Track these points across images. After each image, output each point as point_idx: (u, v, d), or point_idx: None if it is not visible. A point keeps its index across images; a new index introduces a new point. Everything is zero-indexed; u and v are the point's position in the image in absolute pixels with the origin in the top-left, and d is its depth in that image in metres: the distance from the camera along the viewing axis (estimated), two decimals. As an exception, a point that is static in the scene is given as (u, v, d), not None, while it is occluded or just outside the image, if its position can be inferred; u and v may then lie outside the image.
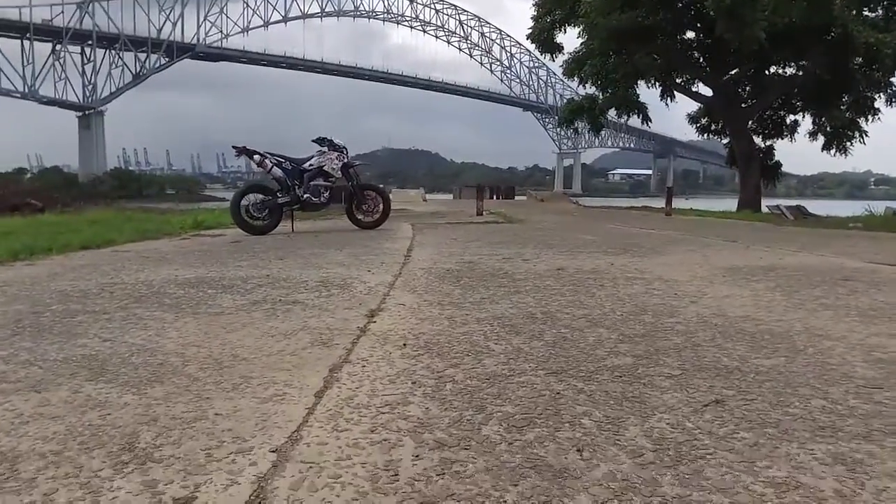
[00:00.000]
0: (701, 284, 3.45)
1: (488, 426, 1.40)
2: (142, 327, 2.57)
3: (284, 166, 8.20)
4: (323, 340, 2.22)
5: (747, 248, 5.76)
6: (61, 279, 4.01)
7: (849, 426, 1.39)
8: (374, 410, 1.52)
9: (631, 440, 1.31)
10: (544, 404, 1.53)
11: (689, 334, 2.26)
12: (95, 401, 1.69)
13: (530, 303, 2.88)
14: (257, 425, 1.46)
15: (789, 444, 1.29)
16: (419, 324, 2.46)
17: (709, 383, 1.70)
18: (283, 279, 3.77)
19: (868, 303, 2.89)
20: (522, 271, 3.99)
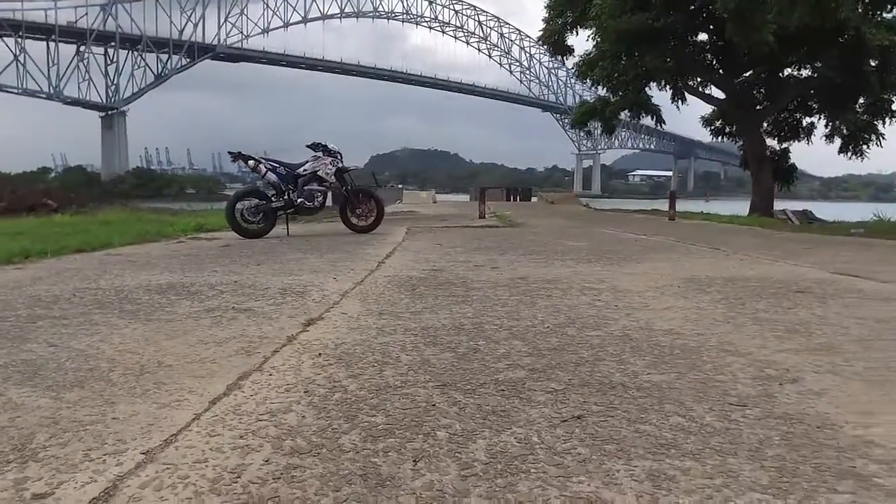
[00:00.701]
0: (650, 296, 3.51)
1: (349, 435, 1.50)
2: (91, 333, 2.70)
3: (279, 171, 8.37)
4: (248, 349, 2.34)
5: (727, 257, 5.79)
6: (41, 284, 4.17)
7: (687, 444, 1.47)
8: (254, 418, 1.63)
9: (470, 454, 1.40)
10: (412, 416, 1.63)
11: (600, 348, 2.34)
12: (13, 403, 1.81)
13: (467, 313, 2.98)
14: (143, 429, 1.57)
15: (618, 460, 1.38)
16: (348, 333, 2.57)
17: (584, 399, 1.78)
18: (249, 286, 3.90)
19: (802, 317, 2.94)
20: (483, 280, 4.08)
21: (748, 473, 1.32)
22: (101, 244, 7.02)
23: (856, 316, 2.93)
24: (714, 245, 6.95)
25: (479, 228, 10.00)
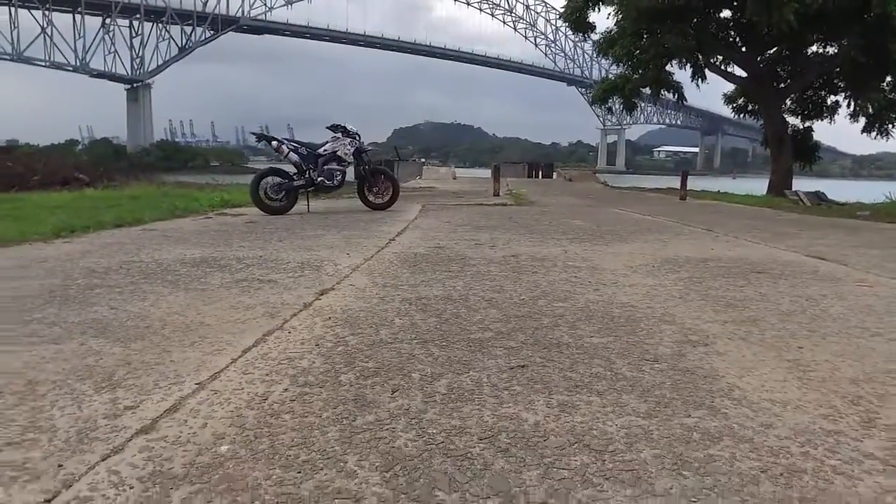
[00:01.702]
0: (622, 274, 3.98)
1: (346, 375, 2.03)
2: (142, 299, 3.25)
3: (300, 151, 8.89)
4: (272, 313, 2.87)
5: (714, 239, 6.20)
6: (90, 257, 4.74)
7: (597, 386, 1.97)
8: (276, 362, 2.16)
9: (434, 388, 1.92)
10: (397, 363, 2.15)
11: (559, 317, 2.83)
12: (94, 351, 2.36)
13: (458, 286, 3.49)
14: (194, 368, 2.11)
15: (540, 395, 1.88)
16: (354, 301, 3.09)
17: (532, 353, 2.28)
18: (272, 260, 4.44)
19: (746, 294, 3.39)
20: (479, 257, 4.58)
21: (634, 405, 1.82)
22: (136, 219, 7.60)
23: (794, 294, 3.38)
24: (709, 226, 7.35)
25: (491, 206, 10.46)
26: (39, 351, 2.36)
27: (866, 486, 1.38)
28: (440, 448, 1.52)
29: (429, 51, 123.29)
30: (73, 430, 1.64)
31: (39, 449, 1.54)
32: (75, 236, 6.16)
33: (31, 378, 2.06)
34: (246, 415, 1.72)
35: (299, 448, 1.51)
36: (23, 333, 2.61)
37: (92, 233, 6.41)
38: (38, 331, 2.65)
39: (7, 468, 1.44)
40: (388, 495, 1.30)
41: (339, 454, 1.48)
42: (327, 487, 1.33)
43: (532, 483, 1.37)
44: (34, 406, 1.82)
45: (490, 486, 1.35)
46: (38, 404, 1.83)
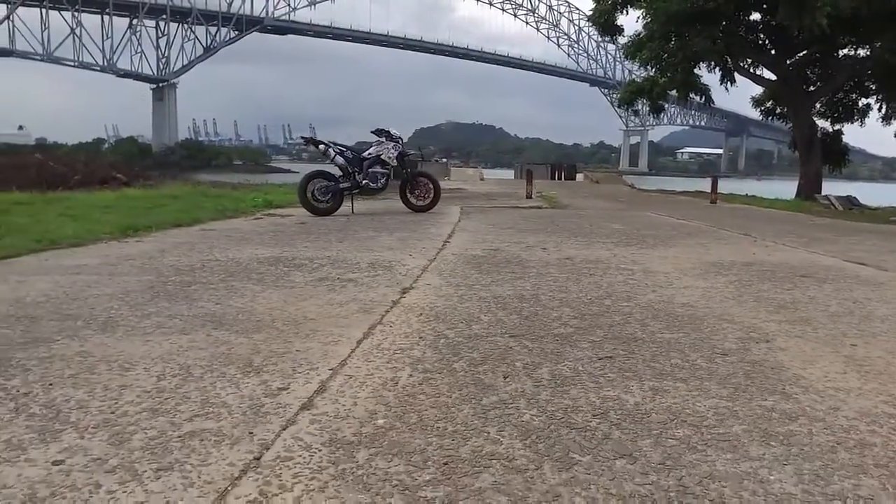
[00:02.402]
0: (675, 277, 4.25)
1: (458, 363, 2.33)
2: (239, 295, 3.58)
3: (346, 155, 9.23)
4: (366, 309, 3.19)
5: (753, 243, 6.42)
6: (169, 256, 5.09)
7: (680, 374, 2.25)
8: (391, 352, 2.47)
9: (539, 374, 2.22)
10: (498, 354, 2.45)
11: (629, 315, 3.11)
12: (222, 341, 2.69)
13: (526, 287, 3.78)
14: (321, 357, 2.43)
15: (633, 381, 2.17)
16: (436, 300, 3.40)
17: (614, 347, 2.57)
18: (342, 260, 4.76)
19: (795, 296, 3.64)
20: (535, 260, 4.87)
21: (715, 390, 2.10)
22: (192, 220, 7.98)
23: (840, 297, 3.63)
24: (746, 231, 7.56)
25: (527, 209, 10.73)
26: (175, 340, 2.69)
27: (929, 457, 1.65)
28: (562, 422, 1.81)
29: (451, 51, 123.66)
30: (244, 406, 1.96)
31: (224, 420, 1.86)
32: (143, 235, 6.52)
33: (182, 363, 2.38)
34: (386, 395, 2.02)
35: (444, 422, 1.81)
36: (150, 325, 2.95)
37: (157, 232, 6.78)
38: (162, 323, 2.98)
39: (208, 434, 1.76)
40: (534, 457, 1.60)
41: (480, 426, 1.78)
42: (482, 451, 1.63)
43: (647, 448, 1.65)
44: (198, 386, 2.14)
45: (614, 450, 1.64)
46: (201, 385, 2.15)
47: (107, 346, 2.61)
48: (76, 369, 2.34)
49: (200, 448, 1.66)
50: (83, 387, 2.15)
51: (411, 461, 1.58)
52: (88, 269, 4.42)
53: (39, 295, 3.58)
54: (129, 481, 1.50)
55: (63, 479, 1.53)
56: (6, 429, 1.82)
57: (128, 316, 3.11)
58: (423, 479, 1.49)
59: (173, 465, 1.57)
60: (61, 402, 2.02)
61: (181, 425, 1.81)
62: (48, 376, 2.26)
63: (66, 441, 1.73)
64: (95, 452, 1.66)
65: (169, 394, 2.07)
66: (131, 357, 2.46)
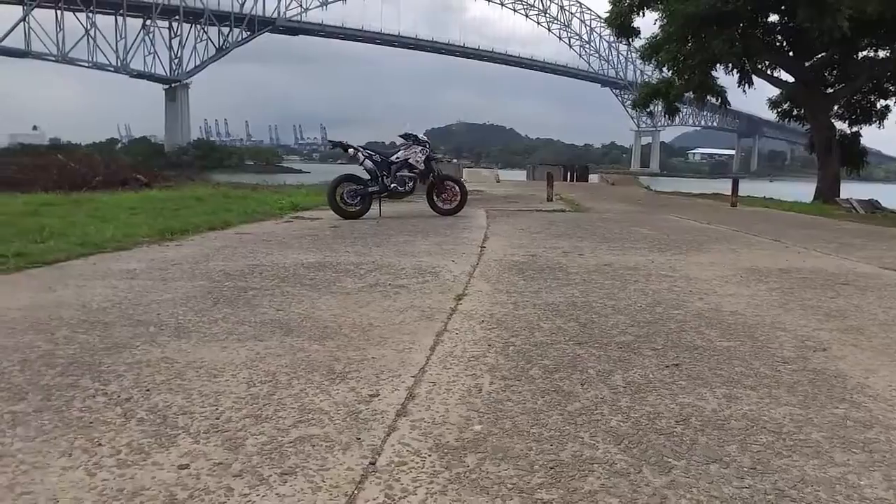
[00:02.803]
0: (716, 284, 4.33)
1: (533, 370, 2.44)
2: (298, 301, 3.70)
3: (374, 159, 9.36)
4: (427, 316, 3.30)
5: (785, 249, 6.48)
6: (215, 260, 5.21)
7: (747, 381, 2.35)
8: (465, 359, 2.58)
9: (613, 381, 2.32)
10: (568, 361, 2.55)
11: (683, 323, 3.21)
12: (297, 347, 2.80)
13: (575, 294, 3.88)
14: (399, 364, 2.54)
15: (704, 388, 2.27)
16: (492, 307, 3.51)
17: (678, 354, 2.67)
18: (386, 266, 4.88)
19: (840, 305, 3.72)
20: (575, 266, 4.96)
21: (785, 398, 2.19)
22: (224, 223, 8.11)
23: (884, 306, 3.71)
24: (773, 237, 7.61)
25: (551, 213, 10.81)
26: (251, 347, 2.81)
27: None
28: (649, 428, 1.92)
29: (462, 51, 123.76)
30: (342, 412, 2.07)
31: (328, 426, 1.97)
32: (181, 239, 6.63)
33: (266, 370, 2.50)
34: (474, 402, 2.13)
35: (539, 427, 1.92)
36: (221, 331, 3.07)
37: (194, 236, 6.89)
38: (232, 329, 3.10)
39: (317, 439, 1.87)
40: (632, 461, 1.71)
41: (573, 432, 1.89)
42: (581, 455, 1.74)
43: (735, 454, 1.76)
44: (290, 393, 2.26)
45: (704, 455, 1.75)
46: (292, 391, 2.27)
47: (187, 353, 2.73)
48: (166, 375, 2.46)
49: (315, 453, 1.78)
50: (179, 392, 2.27)
51: (519, 465, 1.68)
52: (140, 273, 4.56)
53: (103, 300, 3.71)
54: (258, 485, 1.62)
55: (195, 482, 1.64)
56: (123, 433, 1.94)
57: (196, 322, 3.23)
58: (535, 482, 1.60)
59: (295, 470, 1.69)
60: (164, 408, 2.14)
61: (288, 431, 1.93)
62: (142, 382, 2.38)
63: (183, 446, 1.85)
64: (215, 457, 1.78)
65: (264, 400, 2.18)
66: (214, 364, 2.58)
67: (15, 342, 2.87)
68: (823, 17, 16.64)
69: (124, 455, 1.80)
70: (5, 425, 2.01)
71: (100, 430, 1.97)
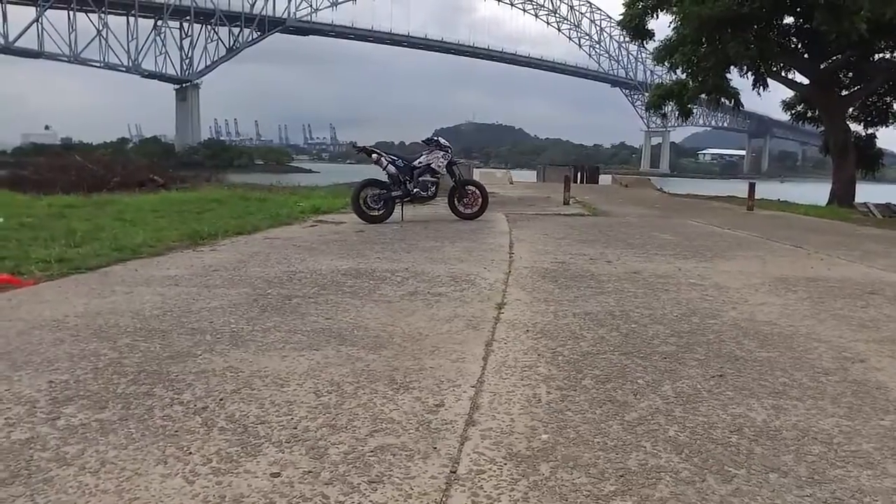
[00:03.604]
0: (747, 293, 4.44)
1: (585, 380, 2.56)
2: (344, 310, 3.83)
3: (397, 164, 9.50)
4: (473, 325, 3.43)
5: (808, 256, 6.57)
6: (251, 266, 5.33)
7: (791, 392, 2.46)
8: (519, 369, 2.71)
9: (663, 391, 2.44)
10: (617, 371, 2.67)
11: (720, 333, 3.32)
12: (354, 357, 2.93)
13: (610, 303, 4.00)
14: (456, 374, 2.67)
15: (752, 399, 2.38)
16: (533, 315, 3.63)
17: (721, 365, 2.78)
18: (421, 273, 5.00)
19: (872, 315, 3.82)
20: (605, 274, 5.08)
21: (830, 409, 2.31)
22: (252, 227, 8.24)
23: (916, 315, 3.80)
24: (795, 243, 7.69)
25: (570, 217, 10.92)
26: (309, 356, 2.94)
27: None
28: (705, 437, 2.04)
29: (472, 51, 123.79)
30: (413, 421, 2.19)
31: (402, 436, 2.09)
32: (212, 243, 6.75)
33: (330, 380, 2.63)
34: (536, 412, 2.26)
35: (601, 437, 2.04)
36: (277, 340, 3.20)
37: (223, 241, 7.00)
38: (286, 338, 3.23)
39: (395, 448, 2.00)
40: (695, 470, 1.83)
41: (634, 441, 2.01)
42: (647, 463, 1.86)
43: (793, 464, 1.87)
44: (358, 402, 2.38)
45: (762, 464, 1.87)
46: (361, 402, 2.40)
47: (249, 362, 2.86)
48: (234, 385, 2.59)
49: (397, 462, 1.90)
50: (252, 402, 2.40)
51: (590, 473, 1.81)
52: (183, 280, 4.70)
53: (153, 308, 3.85)
54: (350, 493, 1.74)
55: (290, 490, 1.77)
56: (210, 441, 2.06)
57: (250, 331, 3.37)
58: (609, 489, 1.72)
59: (382, 479, 1.81)
60: (241, 417, 2.27)
61: (366, 441, 2.05)
62: (213, 391, 2.51)
63: (270, 454, 1.97)
64: (304, 465, 1.90)
65: (335, 409, 2.31)
66: (278, 373, 2.71)
67: (81, 349, 3.02)
68: (841, 21, 16.63)
69: (216, 463, 1.92)
70: (96, 433, 2.14)
71: (186, 438, 2.09)
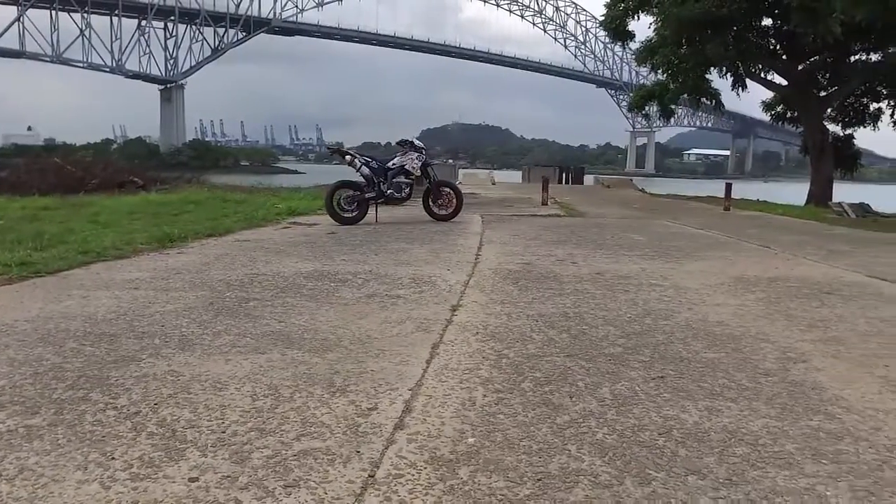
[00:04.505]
0: (705, 293, 4.45)
1: (525, 383, 2.55)
2: (298, 313, 3.80)
3: (371, 165, 9.47)
4: (424, 328, 3.41)
5: (774, 256, 6.61)
6: (215, 269, 5.29)
7: (728, 394, 2.47)
8: (460, 372, 2.69)
9: (601, 394, 2.43)
10: (559, 374, 2.67)
11: (671, 334, 3.33)
12: (298, 360, 2.90)
13: (567, 304, 4.00)
14: (396, 377, 2.65)
15: (687, 401, 2.39)
16: (486, 318, 3.62)
17: (664, 367, 2.78)
18: (383, 275, 4.98)
19: (824, 315, 3.85)
20: (569, 275, 5.08)
21: (763, 410, 2.31)
22: (224, 229, 8.19)
23: (867, 315, 3.83)
24: (765, 243, 7.74)
25: (546, 218, 10.93)
26: (254, 360, 2.91)
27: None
28: (633, 440, 2.03)
29: (458, 52, 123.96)
30: (342, 426, 2.17)
31: (329, 440, 2.08)
32: (181, 246, 6.69)
33: (268, 383, 2.61)
34: (468, 415, 2.24)
35: (529, 440, 2.03)
36: (225, 344, 3.17)
37: (193, 243, 6.95)
38: (235, 342, 3.20)
39: (319, 453, 1.98)
40: (615, 473, 1.82)
41: (560, 445, 2.00)
42: (569, 467, 1.85)
43: (713, 465, 1.87)
44: (292, 406, 2.36)
45: (684, 466, 1.86)
46: (294, 405, 2.37)
47: (192, 366, 2.83)
48: (172, 388, 2.56)
49: (317, 466, 1.88)
50: (186, 406, 2.38)
51: (509, 477, 1.80)
52: (143, 283, 4.65)
53: (108, 311, 3.80)
54: (264, 497, 1.72)
55: (204, 494, 1.75)
56: (135, 447, 2.04)
57: (200, 334, 3.33)
58: (524, 493, 1.71)
59: (298, 483, 1.79)
60: (172, 422, 2.24)
61: (292, 445, 2.03)
62: (149, 396, 2.48)
63: (192, 459, 1.95)
64: (223, 470, 1.88)
65: (268, 413, 2.29)
66: (219, 377, 2.69)
67: (25, 355, 2.97)
68: (816, 23, 16.80)
69: (136, 469, 1.90)
70: (21, 439, 2.11)
71: (112, 443, 2.07)
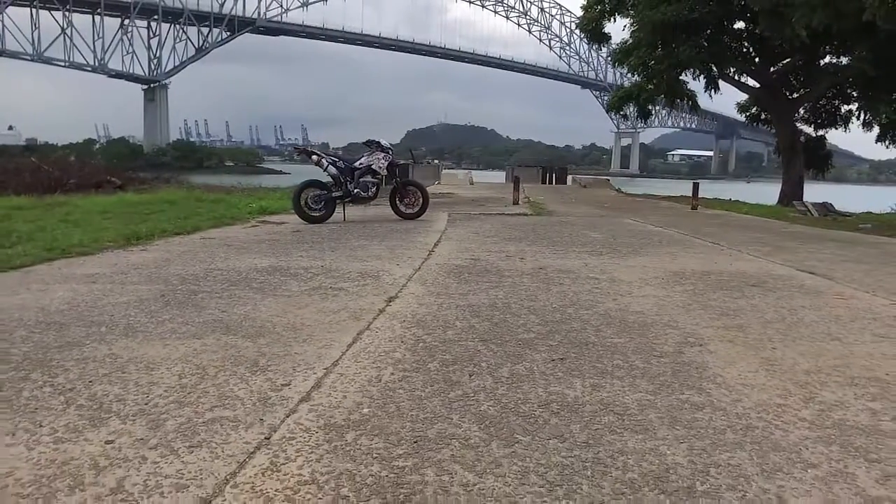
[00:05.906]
0: (637, 286, 4.69)
1: (433, 363, 2.77)
2: (243, 304, 3.99)
3: (338, 165, 9.66)
4: (356, 317, 3.62)
5: (720, 252, 6.88)
6: (174, 265, 5.46)
7: (618, 372, 2.70)
8: (376, 354, 2.90)
9: (500, 373, 2.66)
10: (467, 356, 2.89)
11: (587, 322, 3.56)
12: (230, 345, 3.10)
13: (500, 296, 4.22)
14: (316, 358, 2.85)
15: (577, 378, 2.61)
16: (418, 308, 3.83)
17: (568, 350, 3.01)
18: (334, 270, 5.18)
19: (739, 305, 4.10)
20: (512, 270, 5.31)
21: (644, 386, 2.54)
22: (192, 227, 8.34)
23: (778, 305, 4.08)
24: (716, 239, 8.02)
25: (512, 217, 11.18)
26: (189, 344, 3.11)
27: (795, 436, 2.09)
28: (513, 411, 2.25)
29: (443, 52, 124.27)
30: (254, 398, 2.38)
31: (239, 409, 2.28)
32: (146, 244, 6.85)
33: (198, 364, 2.81)
34: (371, 390, 2.46)
35: (417, 410, 2.25)
36: (166, 330, 3.36)
37: (159, 241, 7.11)
38: (176, 329, 3.40)
39: (226, 420, 2.18)
40: (485, 437, 2.04)
41: (445, 414, 2.21)
42: (445, 432, 2.07)
43: (577, 432, 2.09)
44: (214, 383, 2.56)
45: (550, 433, 2.08)
46: (216, 382, 2.58)
47: (132, 350, 3.02)
48: (109, 369, 2.75)
49: (222, 431, 2.09)
50: (117, 383, 2.57)
51: (389, 440, 2.01)
52: (102, 277, 4.81)
53: (62, 303, 3.97)
54: (168, 455, 1.93)
55: (116, 453, 1.95)
56: (62, 417, 2.23)
57: (145, 322, 3.52)
58: (398, 452, 1.92)
59: (202, 444, 2.00)
60: (102, 396, 2.44)
61: (204, 414, 2.24)
62: (86, 375, 2.67)
63: (112, 426, 2.15)
64: (138, 434, 2.08)
65: (191, 389, 2.49)
66: (154, 359, 2.88)
67: (-27, 341, 3.13)
68: (783, 26, 17.20)
69: (61, 434, 2.10)
70: (-43, 413, 2.29)
71: (42, 414, 2.26)
